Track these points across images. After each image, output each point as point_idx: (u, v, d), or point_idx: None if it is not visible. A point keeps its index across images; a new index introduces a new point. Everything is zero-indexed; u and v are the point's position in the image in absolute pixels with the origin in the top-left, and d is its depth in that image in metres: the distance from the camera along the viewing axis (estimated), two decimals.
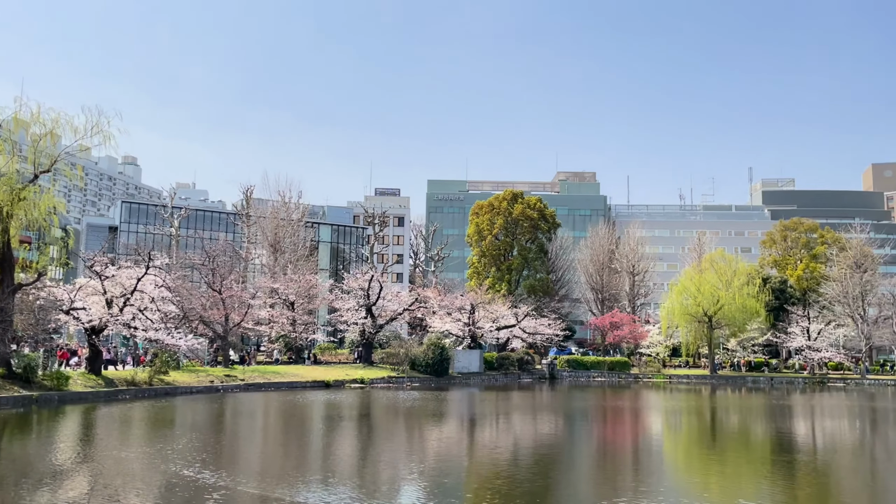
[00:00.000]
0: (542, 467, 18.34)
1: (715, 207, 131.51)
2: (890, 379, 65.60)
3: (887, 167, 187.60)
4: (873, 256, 79.89)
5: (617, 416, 33.44)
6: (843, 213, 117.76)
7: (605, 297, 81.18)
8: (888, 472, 19.62)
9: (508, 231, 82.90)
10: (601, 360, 65.07)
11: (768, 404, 40.89)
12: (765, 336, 70.32)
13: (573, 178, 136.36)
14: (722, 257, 72.95)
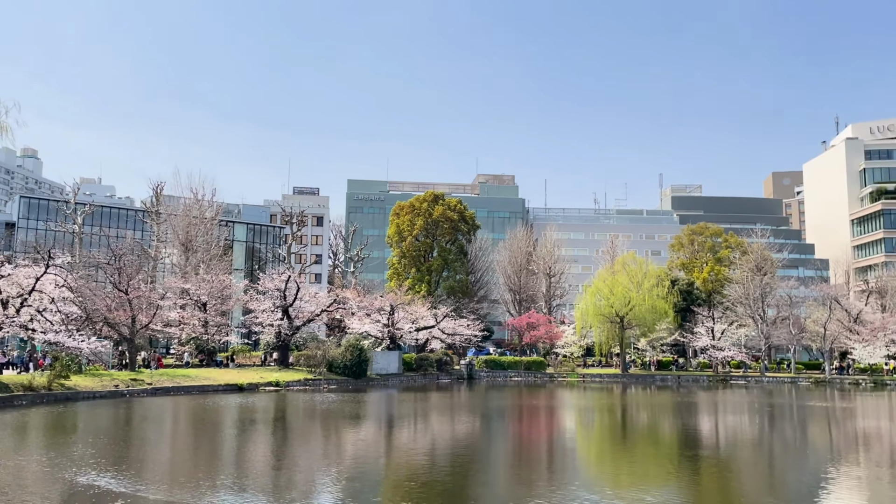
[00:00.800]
0: (458, 467, 18.38)
1: (627, 212, 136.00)
2: (786, 376, 69.51)
3: (786, 175, 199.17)
4: (772, 260, 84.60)
5: (532, 414, 33.99)
6: (745, 218, 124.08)
7: (522, 298, 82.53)
8: (784, 465, 20.70)
9: (429, 232, 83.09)
10: (518, 360, 66.09)
11: (675, 401, 42.53)
12: (673, 336, 73.21)
13: (493, 180, 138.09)
14: (633, 260, 75.45)
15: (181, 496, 13.36)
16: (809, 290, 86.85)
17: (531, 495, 14.40)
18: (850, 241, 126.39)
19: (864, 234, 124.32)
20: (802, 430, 29.22)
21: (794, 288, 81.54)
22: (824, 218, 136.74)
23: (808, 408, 39.69)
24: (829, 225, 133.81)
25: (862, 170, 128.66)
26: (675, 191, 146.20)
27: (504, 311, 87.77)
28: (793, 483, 17.41)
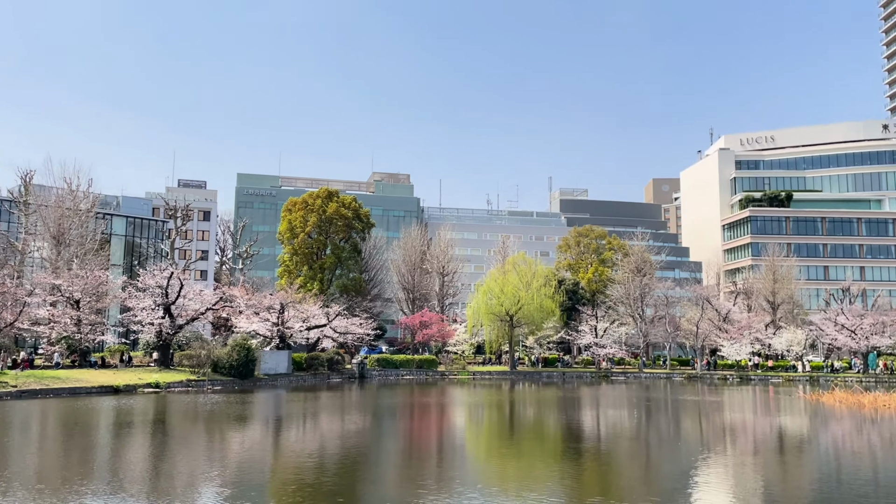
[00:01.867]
0: (347, 466, 18.16)
1: (518, 213, 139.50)
2: (662, 372, 73.49)
3: (665, 182, 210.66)
4: (651, 262, 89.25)
5: (422, 412, 34.16)
6: (628, 221, 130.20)
7: (416, 297, 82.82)
8: (660, 455, 21.83)
9: (322, 229, 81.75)
10: (410, 359, 66.26)
11: (560, 397, 44.00)
12: (559, 334, 75.77)
13: (388, 179, 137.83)
14: (523, 260, 77.42)
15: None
16: (684, 290, 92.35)
17: (418, 493, 14.43)
18: (722, 245, 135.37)
19: (733, 238, 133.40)
20: (676, 423, 30.95)
21: (671, 288, 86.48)
22: (699, 223, 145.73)
23: (682, 401, 42.12)
24: (702, 229, 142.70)
25: (733, 178, 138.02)
26: (564, 194, 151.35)
27: (397, 310, 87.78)
28: (667, 472, 18.39)
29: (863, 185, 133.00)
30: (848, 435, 26.61)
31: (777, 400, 43.58)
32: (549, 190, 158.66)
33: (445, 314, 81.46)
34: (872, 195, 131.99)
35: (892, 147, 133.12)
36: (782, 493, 15.55)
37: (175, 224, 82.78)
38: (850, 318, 74.42)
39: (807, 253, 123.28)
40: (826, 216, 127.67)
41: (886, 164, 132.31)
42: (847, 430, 27.97)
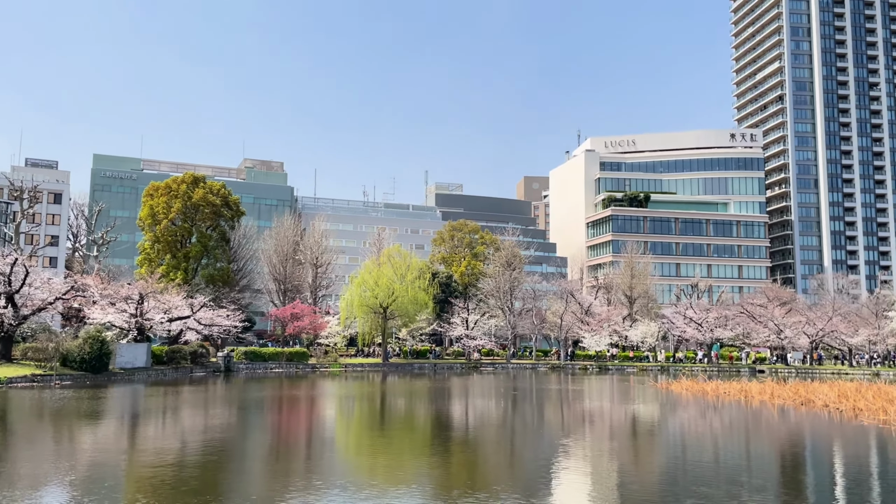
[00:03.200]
0: (209, 463, 17.44)
1: (395, 206, 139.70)
2: (528, 363, 76.28)
3: (535, 180, 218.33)
4: (521, 257, 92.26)
5: (291, 405, 33.46)
6: (500, 217, 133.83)
7: (287, 288, 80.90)
8: (524, 443, 22.62)
9: (187, 216, 77.89)
10: (280, 352, 64.70)
11: (430, 388, 44.58)
12: (431, 326, 76.77)
13: (260, 166, 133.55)
14: (398, 253, 77.66)
15: None
16: (550, 284, 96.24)
17: (285, 489, 14.12)
18: (586, 242, 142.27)
19: (596, 236, 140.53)
20: (540, 411, 32.21)
21: (538, 283, 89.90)
22: (565, 220, 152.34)
23: (545, 391, 43.90)
24: (569, 226, 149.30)
25: (597, 179, 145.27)
26: (439, 188, 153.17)
27: (268, 302, 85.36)
28: (531, 459, 19.10)
29: (712, 188, 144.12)
30: (693, 420, 28.80)
31: (631, 388, 46.42)
32: (426, 184, 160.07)
33: (318, 306, 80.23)
34: (720, 198, 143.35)
35: (737, 154, 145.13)
36: (635, 475, 16.58)
37: (21, 206, 76.04)
38: (698, 312, 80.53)
39: (661, 251, 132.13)
40: (679, 217, 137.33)
41: (733, 170, 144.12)
42: (692, 416, 30.25)
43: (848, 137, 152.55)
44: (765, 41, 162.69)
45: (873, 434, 23.01)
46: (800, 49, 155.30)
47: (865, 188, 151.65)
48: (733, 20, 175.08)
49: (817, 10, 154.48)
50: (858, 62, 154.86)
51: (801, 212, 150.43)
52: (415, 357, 74.43)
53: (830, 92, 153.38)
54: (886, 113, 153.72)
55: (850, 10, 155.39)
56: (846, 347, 79.66)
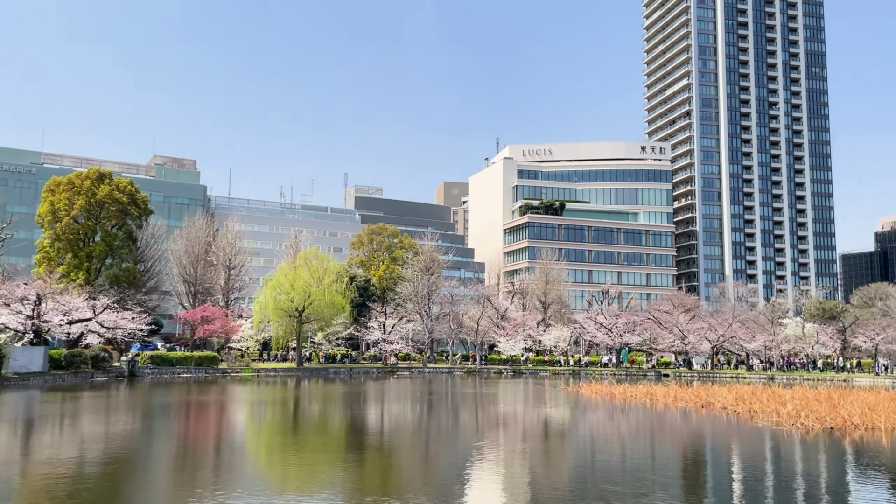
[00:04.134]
0: (110, 473, 16.60)
1: (313, 208, 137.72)
2: (445, 367, 76.66)
3: (455, 185, 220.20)
4: (439, 261, 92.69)
5: (199, 411, 32.36)
6: (419, 222, 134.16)
7: (198, 291, 78.24)
8: (439, 447, 22.68)
9: (91, 214, 74.14)
10: (188, 356, 62.47)
11: (346, 392, 44.10)
12: (348, 330, 76.00)
13: (172, 163, 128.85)
14: (316, 255, 76.48)
15: None
16: (468, 289, 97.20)
17: (190, 498, 13.62)
18: (503, 248, 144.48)
19: (513, 242, 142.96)
20: (455, 415, 32.40)
21: (456, 287, 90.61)
22: (484, 226, 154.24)
23: (461, 394, 44.22)
24: (487, 232, 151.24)
25: (515, 186, 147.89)
26: (359, 191, 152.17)
27: (177, 304, 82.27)
28: (445, 462, 19.16)
29: (623, 199, 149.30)
30: (601, 423, 29.66)
31: (544, 392, 47.38)
32: (345, 186, 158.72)
33: (230, 309, 78.02)
34: (630, 208, 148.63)
35: (647, 166, 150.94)
36: (546, 476, 16.91)
37: None
38: (608, 318, 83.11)
39: (575, 258, 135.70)
40: (592, 225, 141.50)
41: (643, 182, 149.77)
42: (601, 418, 31.16)
43: (749, 153, 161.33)
44: (674, 59, 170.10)
45: (767, 435, 24.33)
46: (707, 68, 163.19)
47: (764, 202, 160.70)
48: (646, 37, 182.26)
49: (723, 32, 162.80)
50: (760, 82, 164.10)
51: (705, 223, 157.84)
52: (330, 362, 73.48)
53: (734, 109, 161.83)
54: (784, 131, 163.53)
55: (752, 32, 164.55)
56: (744, 353, 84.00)
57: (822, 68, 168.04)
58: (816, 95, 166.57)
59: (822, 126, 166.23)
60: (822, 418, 26.08)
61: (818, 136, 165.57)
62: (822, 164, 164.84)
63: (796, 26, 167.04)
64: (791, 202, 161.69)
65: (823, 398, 32.33)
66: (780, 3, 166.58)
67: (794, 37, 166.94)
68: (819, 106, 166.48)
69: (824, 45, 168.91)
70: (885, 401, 30.39)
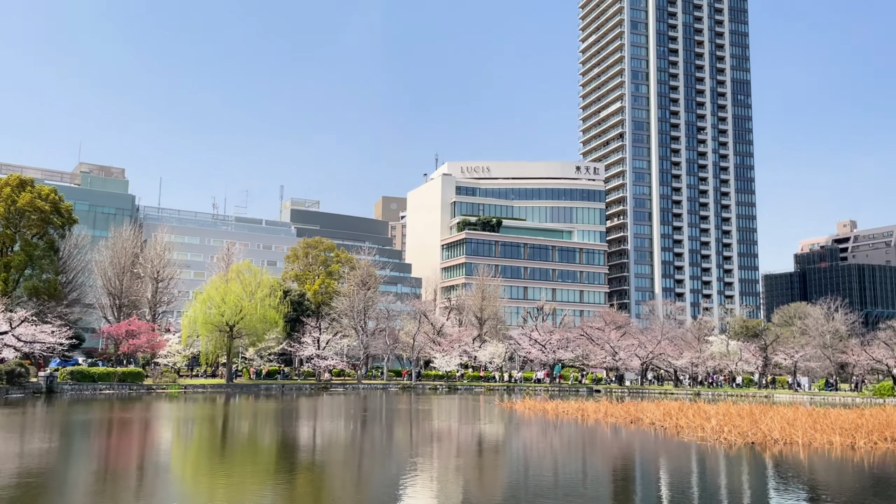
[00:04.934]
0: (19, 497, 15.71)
1: (247, 220, 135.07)
2: (379, 383, 76.01)
3: (394, 200, 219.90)
4: (376, 276, 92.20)
5: (121, 429, 31.06)
6: (357, 236, 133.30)
7: (123, 304, 75.43)
8: (372, 464, 22.40)
9: (11, 222, 70.69)
10: (112, 371, 59.99)
11: (277, 409, 43.15)
12: (281, 345, 74.55)
13: (99, 171, 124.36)
14: (249, 269, 74.84)
15: None
16: (405, 305, 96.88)
17: None
18: (440, 264, 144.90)
19: (450, 258, 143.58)
20: (389, 431, 32.11)
21: (392, 302, 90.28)
22: (421, 241, 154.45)
23: (395, 411, 43.89)
24: (424, 248, 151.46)
25: (453, 203, 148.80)
26: (295, 204, 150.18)
27: (100, 317, 79.07)
28: (378, 479, 18.92)
29: (558, 217, 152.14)
30: (534, 438, 29.92)
31: (479, 407, 47.52)
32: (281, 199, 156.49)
33: (158, 323, 75.52)
34: (565, 227, 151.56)
35: (582, 186, 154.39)
36: (478, 491, 16.90)
37: None
38: (542, 334, 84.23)
39: (511, 274, 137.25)
40: (528, 243, 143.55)
41: (577, 201, 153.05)
42: (534, 433, 31.43)
43: (678, 175, 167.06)
44: (608, 82, 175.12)
45: (693, 449, 25.02)
46: (639, 92, 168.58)
47: (692, 223, 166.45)
48: (581, 60, 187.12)
49: (655, 59, 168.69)
50: (689, 107, 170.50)
51: (636, 242, 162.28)
52: (262, 378, 71.87)
53: (664, 133, 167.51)
54: (711, 155, 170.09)
55: (682, 59, 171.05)
56: (672, 369, 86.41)
57: (748, 96, 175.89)
58: (741, 122, 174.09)
59: (747, 151, 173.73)
60: (744, 433, 26.98)
61: (743, 160, 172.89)
62: (747, 188, 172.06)
63: (723, 55, 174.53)
64: (717, 223, 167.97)
65: (746, 414, 33.48)
66: (708, 32, 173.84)
67: (722, 65, 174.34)
68: (744, 132, 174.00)
69: (749, 74, 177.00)
70: (802, 416, 31.69)
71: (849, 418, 30.84)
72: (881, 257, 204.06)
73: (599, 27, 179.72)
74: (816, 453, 23.43)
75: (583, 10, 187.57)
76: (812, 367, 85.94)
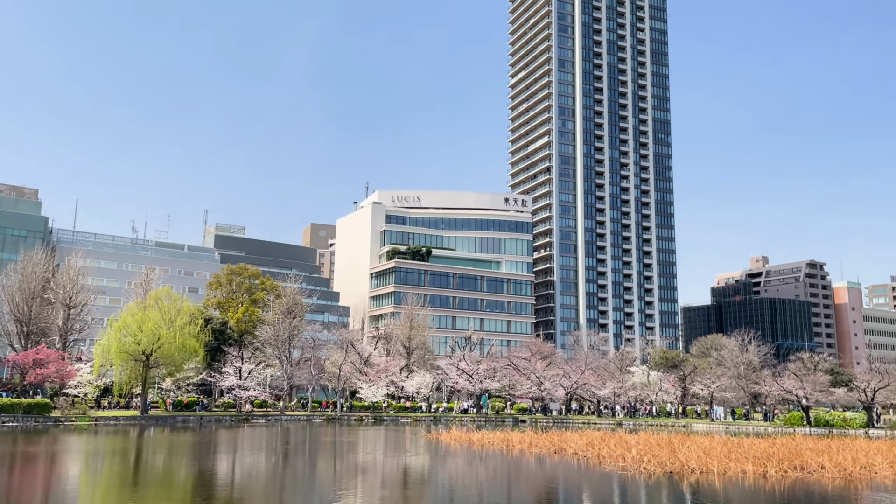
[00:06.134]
0: None
1: (168, 245, 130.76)
2: (303, 414, 74.26)
3: (323, 227, 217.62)
4: (303, 305, 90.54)
5: (25, 465, 29.17)
6: (283, 263, 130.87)
7: (31, 331, 71.39)
8: (293, 498, 21.74)
9: None
10: (16, 403, 56.48)
11: (194, 442, 41.51)
12: (201, 375, 72.03)
13: (10, 191, 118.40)
14: (168, 296, 72.26)
15: None
16: (332, 334, 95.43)
17: None
18: (369, 293, 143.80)
19: (379, 286, 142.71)
20: (312, 464, 31.32)
21: (319, 331, 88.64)
22: (350, 269, 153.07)
23: (319, 443, 42.90)
24: (353, 276, 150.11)
25: (383, 231, 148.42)
26: (220, 229, 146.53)
27: (5, 345, 74.51)
28: None
29: (487, 247, 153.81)
30: (460, 469, 29.76)
31: (405, 439, 47.00)
32: (205, 224, 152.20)
33: (69, 352, 71.80)
34: (494, 257, 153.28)
35: (510, 217, 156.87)
36: None
37: None
38: (470, 364, 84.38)
39: (440, 304, 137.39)
40: (457, 272, 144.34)
41: (506, 232, 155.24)
42: (459, 465, 31.27)
43: (602, 209, 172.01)
44: (537, 117, 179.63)
45: (614, 479, 25.42)
46: (566, 128, 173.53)
47: (615, 255, 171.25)
48: (511, 95, 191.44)
49: (581, 96, 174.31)
50: (613, 144, 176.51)
51: (562, 273, 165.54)
52: (180, 409, 69.10)
53: (589, 168, 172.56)
54: (633, 191, 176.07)
55: (607, 98, 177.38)
56: (595, 399, 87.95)
57: (668, 135, 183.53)
58: (662, 159, 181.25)
59: (667, 188, 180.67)
60: (662, 463, 27.62)
61: (663, 196, 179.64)
62: (667, 223, 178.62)
63: (645, 95, 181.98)
64: (639, 257, 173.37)
65: (664, 443, 34.33)
66: (631, 73, 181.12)
67: (644, 104, 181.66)
68: (664, 169, 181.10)
69: (669, 113, 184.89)
70: (718, 446, 32.72)
71: (761, 447, 32.02)
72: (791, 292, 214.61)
73: (528, 63, 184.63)
74: (731, 482, 24.18)
75: (512, 47, 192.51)
76: (727, 397, 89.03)
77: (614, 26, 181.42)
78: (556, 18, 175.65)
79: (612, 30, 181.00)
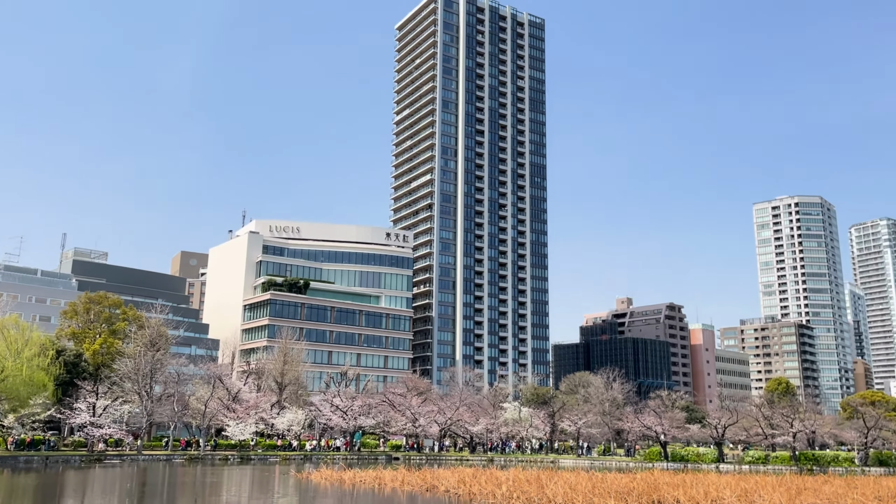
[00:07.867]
0: None
1: (19, 269, 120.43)
2: (163, 454, 69.73)
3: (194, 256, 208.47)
4: (168, 336, 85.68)
5: None
6: (149, 292, 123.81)
7: None
8: None
9: None
10: None
11: (36, 485, 37.90)
12: (49, 412, 66.25)
13: None
14: (16, 324, 66.42)
15: None
16: (198, 368, 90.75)
17: None
18: (241, 325, 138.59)
19: (253, 319, 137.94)
20: None
21: (185, 365, 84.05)
22: (222, 301, 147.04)
23: (179, 485, 40.37)
24: (225, 308, 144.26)
25: (259, 262, 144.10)
26: (79, 254, 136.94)
27: None
28: None
29: (367, 282, 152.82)
30: None
31: (272, 479, 45.16)
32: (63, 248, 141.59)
33: None
34: (373, 291, 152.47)
35: (391, 252, 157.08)
36: None
37: None
38: (344, 400, 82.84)
39: (316, 338, 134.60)
40: (335, 306, 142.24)
41: (386, 266, 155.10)
42: None
43: (481, 248, 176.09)
44: (420, 155, 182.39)
45: None
46: (448, 167, 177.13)
47: (492, 293, 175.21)
48: (395, 131, 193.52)
49: (463, 137, 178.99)
50: (492, 185, 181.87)
51: (440, 309, 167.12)
52: (23, 448, 63.02)
53: (469, 207, 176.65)
54: (510, 231, 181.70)
55: (487, 141, 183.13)
56: (469, 435, 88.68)
57: (543, 179, 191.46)
58: (538, 202, 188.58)
59: (542, 230, 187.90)
60: (531, 499, 28.12)
61: (538, 237, 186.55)
62: (540, 263, 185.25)
63: (524, 140, 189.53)
64: (514, 295, 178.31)
65: (533, 479, 35.01)
66: (511, 118, 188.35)
67: (522, 149, 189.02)
68: (539, 211, 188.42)
69: (545, 158, 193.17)
70: (583, 481, 33.77)
71: (622, 482, 33.37)
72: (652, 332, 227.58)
73: (413, 102, 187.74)
74: None
75: (398, 85, 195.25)
76: (593, 433, 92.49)
77: (496, 72, 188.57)
78: (441, 61, 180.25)
79: (494, 76, 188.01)
